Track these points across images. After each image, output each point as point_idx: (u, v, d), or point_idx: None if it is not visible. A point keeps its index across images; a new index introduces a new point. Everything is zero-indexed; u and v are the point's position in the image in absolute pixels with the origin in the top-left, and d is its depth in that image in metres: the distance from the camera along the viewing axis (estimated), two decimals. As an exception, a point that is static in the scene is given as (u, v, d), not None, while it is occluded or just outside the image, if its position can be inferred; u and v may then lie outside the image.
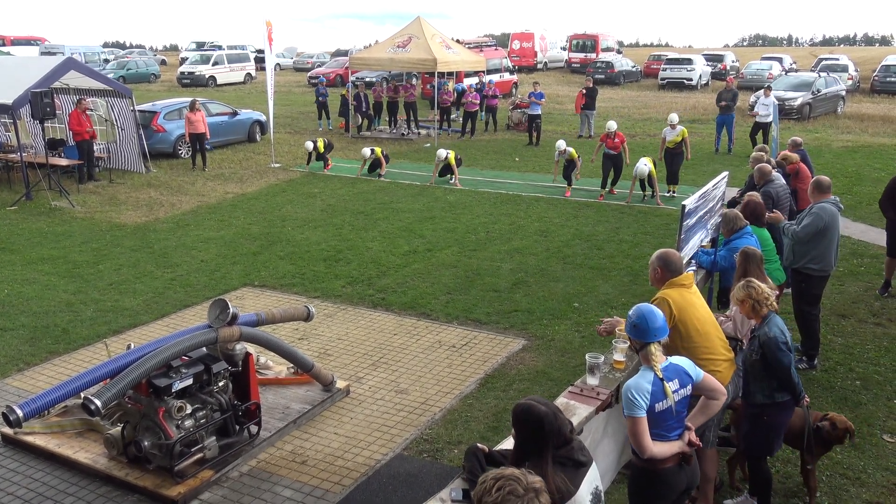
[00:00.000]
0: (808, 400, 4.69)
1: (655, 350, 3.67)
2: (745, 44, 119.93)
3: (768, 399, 4.53)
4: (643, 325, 3.71)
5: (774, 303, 4.62)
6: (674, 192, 13.79)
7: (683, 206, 6.03)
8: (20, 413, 4.70)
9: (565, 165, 14.25)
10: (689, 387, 3.73)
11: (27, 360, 7.25)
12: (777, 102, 17.70)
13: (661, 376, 3.61)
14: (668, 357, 3.75)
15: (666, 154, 14.11)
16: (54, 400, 4.92)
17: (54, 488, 5.24)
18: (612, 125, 13.72)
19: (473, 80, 23.59)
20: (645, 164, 13.35)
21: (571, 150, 14.14)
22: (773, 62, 35.19)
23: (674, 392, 3.62)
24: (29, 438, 5.70)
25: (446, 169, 15.39)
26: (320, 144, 17.06)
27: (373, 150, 16.18)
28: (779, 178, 8.54)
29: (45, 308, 8.56)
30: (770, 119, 17.09)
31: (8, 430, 5.68)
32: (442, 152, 15.20)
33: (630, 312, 3.82)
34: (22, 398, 6.13)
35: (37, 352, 7.43)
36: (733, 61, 40.85)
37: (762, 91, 18.53)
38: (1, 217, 12.77)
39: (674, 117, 13.91)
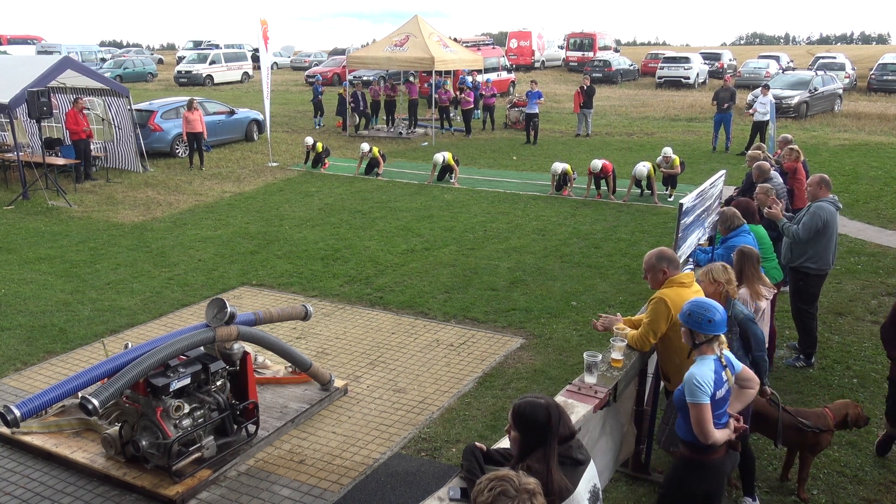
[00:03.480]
0: (771, 390, 4.93)
1: (724, 339, 3.81)
2: (742, 42, 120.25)
3: None
4: (719, 316, 3.79)
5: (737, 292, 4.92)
6: (671, 194, 13.78)
7: (681, 205, 6.05)
8: (17, 413, 4.69)
9: (560, 179, 14.28)
10: (734, 377, 3.88)
11: (24, 359, 7.24)
12: (774, 101, 17.72)
13: (724, 363, 3.73)
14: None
15: (663, 179, 14.02)
16: (52, 399, 4.91)
17: (52, 488, 5.24)
18: (597, 164, 13.52)
19: (469, 79, 23.60)
20: (644, 166, 13.39)
21: (567, 167, 14.16)
22: (770, 60, 35.23)
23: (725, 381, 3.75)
24: (26, 438, 5.69)
25: (446, 169, 15.40)
26: (319, 146, 17.05)
27: (371, 148, 16.19)
28: (776, 177, 8.55)
29: (42, 308, 8.55)
30: (768, 117, 17.13)
31: (5, 430, 5.66)
32: (438, 157, 15.23)
33: (695, 309, 3.85)
34: (19, 398, 6.13)
35: (34, 351, 7.42)
36: (730, 60, 40.92)
37: (760, 89, 18.55)
38: (-2, 216, 12.76)
39: (667, 150, 13.67)
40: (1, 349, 7.45)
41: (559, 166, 14.15)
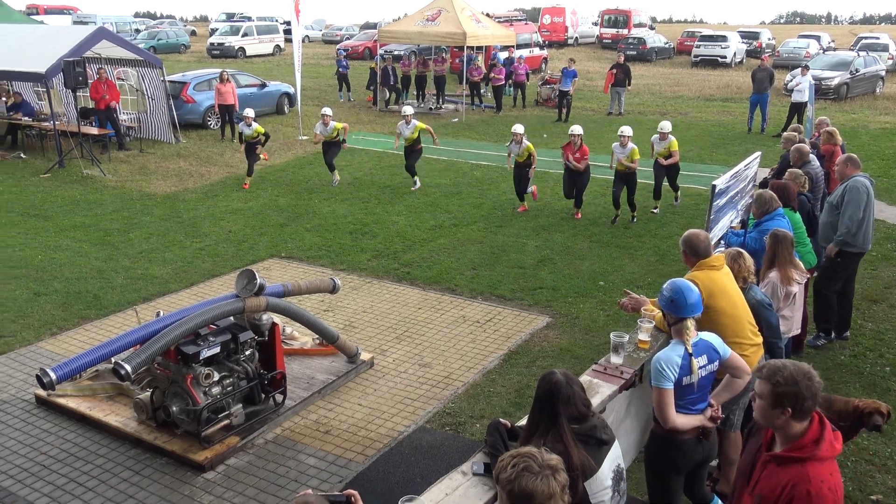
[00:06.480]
0: None
1: (691, 325, 3.71)
2: (782, 21, 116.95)
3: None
4: (680, 300, 3.73)
5: (754, 276, 4.80)
6: (677, 197, 11.99)
7: (714, 186, 5.95)
8: (53, 376, 4.82)
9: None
10: (716, 363, 3.78)
11: (60, 324, 7.42)
12: (813, 82, 17.29)
13: (690, 351, 3.64)
14: (699, 332, 3.76)
15: (654, 165, 11.29)
16: (86, 364, 5.03)
17: (86, 449, 5.39)
18: (576, 127, 11.10)
19: (503, 55, 23.33)
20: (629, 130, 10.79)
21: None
22: (810, 40, 34.25)
23: (700, 368, 3.67)
24: (61, 401, 5.85)
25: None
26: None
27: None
28: (814, 160, 8.37)
29: (77, 274, 8.72)
30: (806, 99, 16.71)
31: (41, 392, 5.83)
32: (408, 108, 12.98)
33: (665, 287, 3.84)
34: (55, 361, 6.29)
35: (69, 317, 7.59)
36: (769, 39, 39.81)
37: (799, 70, 18.09)
38: (35, 184, 12.99)
39: (665, 125, 11.18)
40: (37, 314, 7.64)
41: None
